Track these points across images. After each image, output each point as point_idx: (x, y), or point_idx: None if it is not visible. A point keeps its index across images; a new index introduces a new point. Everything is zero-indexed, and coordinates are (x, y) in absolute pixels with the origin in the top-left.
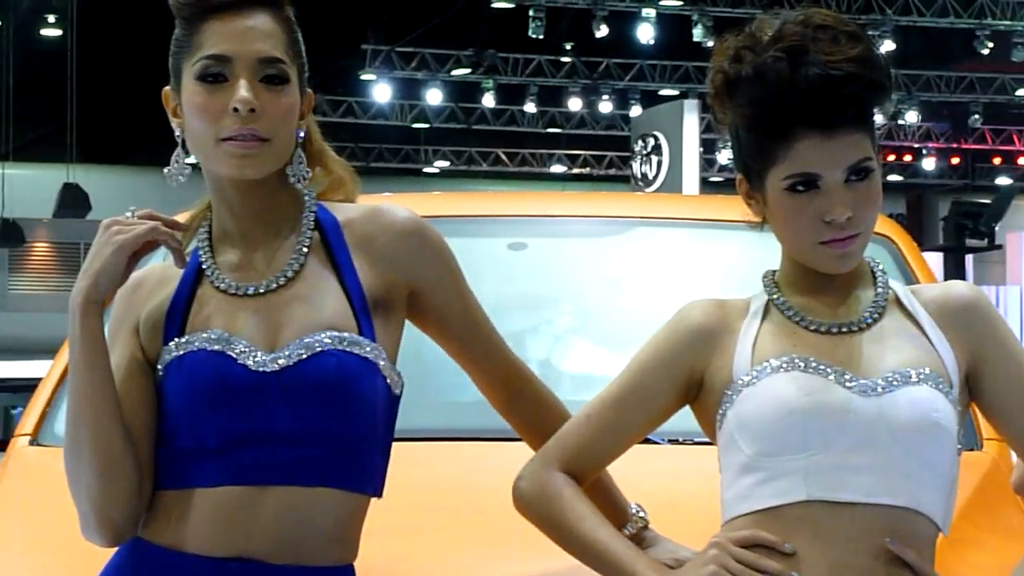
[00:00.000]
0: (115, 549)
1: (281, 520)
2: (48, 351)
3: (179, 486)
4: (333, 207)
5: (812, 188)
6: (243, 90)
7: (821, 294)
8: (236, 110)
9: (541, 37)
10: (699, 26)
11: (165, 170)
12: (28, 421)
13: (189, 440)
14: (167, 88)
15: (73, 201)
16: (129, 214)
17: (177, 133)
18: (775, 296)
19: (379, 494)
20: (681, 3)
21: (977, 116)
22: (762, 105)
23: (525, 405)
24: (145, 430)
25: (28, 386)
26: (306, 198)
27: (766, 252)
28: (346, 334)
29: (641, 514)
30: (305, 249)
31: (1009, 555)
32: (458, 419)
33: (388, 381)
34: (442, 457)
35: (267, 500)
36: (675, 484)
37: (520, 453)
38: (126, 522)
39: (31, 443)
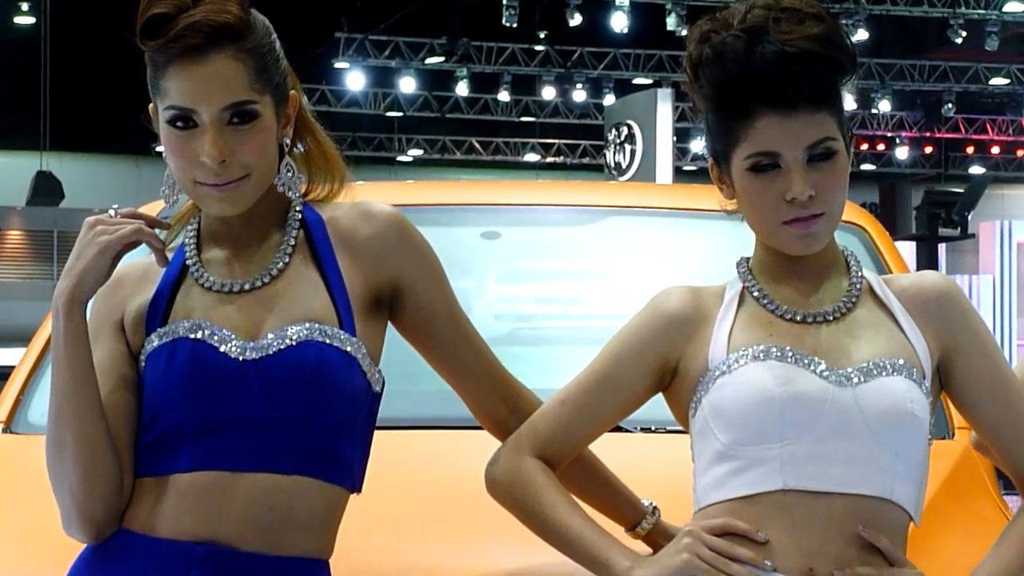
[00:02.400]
0: None
1: (254, 506)
2: (22, 339)
3: (156, 472)
4: (319, 205)
5: (774, 168)
6: (209, 145)
7: (795, 282)
8: (206, 164)
9: (515, 25)
10: (672, 15)
11: (162, 189)
12: (1, 409)
13: (168, 427)
14: (151, 105)
15: (47, 189)
16: (112, 212)
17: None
18: (750, 284)
19: (357, 489)
20: None
21: (950, 105)
22: (721, 84)
23: (520, 421)
24: (128, 428)
25: (1, 374)
26: (292, 198)
27: (739, 241)
28: (327, 327)
29: (654, 509)
30: (290, 248)
31: (979, 543)
32: (426, 408)
33: (368, 377)
34: (412, 446)
35: (241, 485)
36: (647, 472)
37: (490, 440)
38: (108, 518)
39: (4, 431)
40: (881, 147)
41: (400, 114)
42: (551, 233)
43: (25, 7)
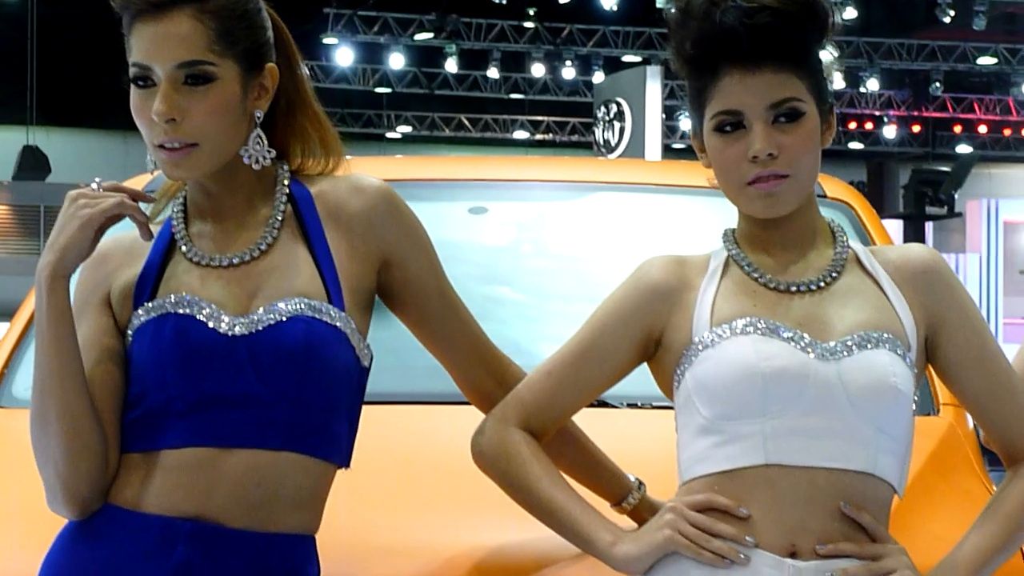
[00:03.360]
0: None
1: (242, 482)
2: (8, 314)
3: (145, 448)
4: (307, 179)
5: (739, 128)
6: (157, 101)
7: (779, 251)
8: (155, 120)
9: (504, 2)
10: None
11: (147, 158)
12: None
13: (156, 403)
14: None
15: (33, 163)
16: (95, 186)
17: None
18: (734, 251)
19: (345, 464)
20: None
21: (938, 84)
22: (689, 43)
23: (506, 394)
24: (113, 402)
25: None
26: (280, 173)
27: (724, 216)
28: (316, 302)
29: (640, 484)
30: (278, 223)
31: (963, 518)
32: (412, 383)
33: (356, 352)
34: (400, 421)
35: (230, 461)
36: (634, 448)
37: (477, 416)
38: (92, 495)
39: None
40: (869, 126)
41: (389, 90)
42: (537, 208)
43: None
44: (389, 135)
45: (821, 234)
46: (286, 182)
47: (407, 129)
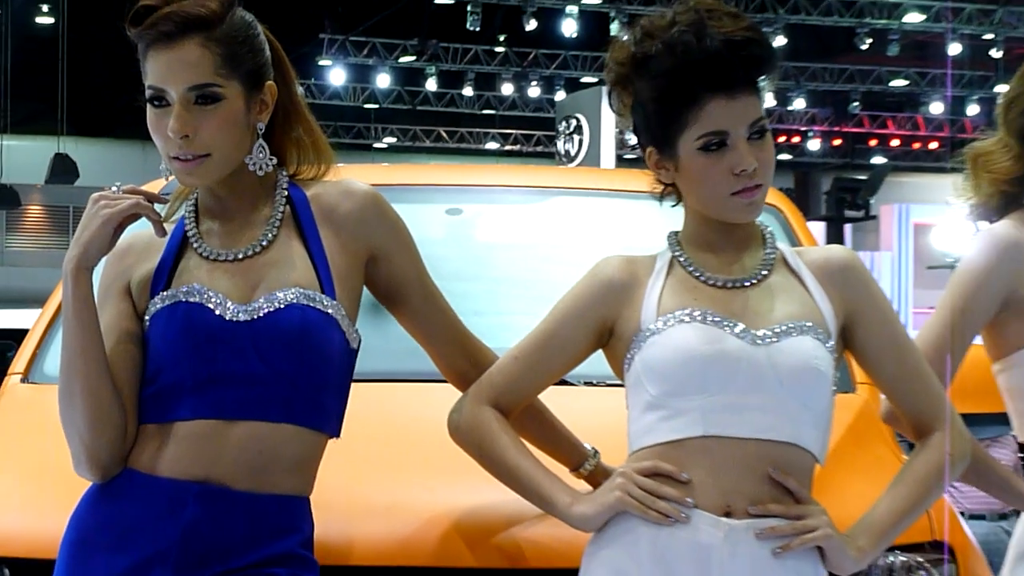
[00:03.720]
0: None
1: (245, 450)
2: (39, 301)
3: (160, 420)
4: (303, 184)
5: (722, 146)
6: (172, 120)
7: (719, 252)
8: (171, 137)
9: (478, 29)
10: (616, 21)
11: (161, 166)
12: (20, 362)
13: (170, 380)
14: None
15: (63, 169)
16: (115, 188)
17: None
18: (678, 253)
19: (336, 434)
20: (600, 1)
21: (856, 103)
22: (673, 74)
23: (479, 374)
24: (131, 378)
25: (22, 332)
26: (280, 177)
27: (668, 218)
28: (310, 291)
29: (595, 452)
30: (278, 222)
31: (877, 483)
32: (397, 363)
33: (346, 336)
34: (384, 397)
35: (235, 432)
36: (590, 421)
37: (452, 392)
38: (112, 461)
39: (22, 381)
40: (796, 139)
41: (376, 106)
42: (507, 210)
43: (45, 8)
44: (376, 145)
45: (755, 238)
46: (285, 186)
47: (392, 140)
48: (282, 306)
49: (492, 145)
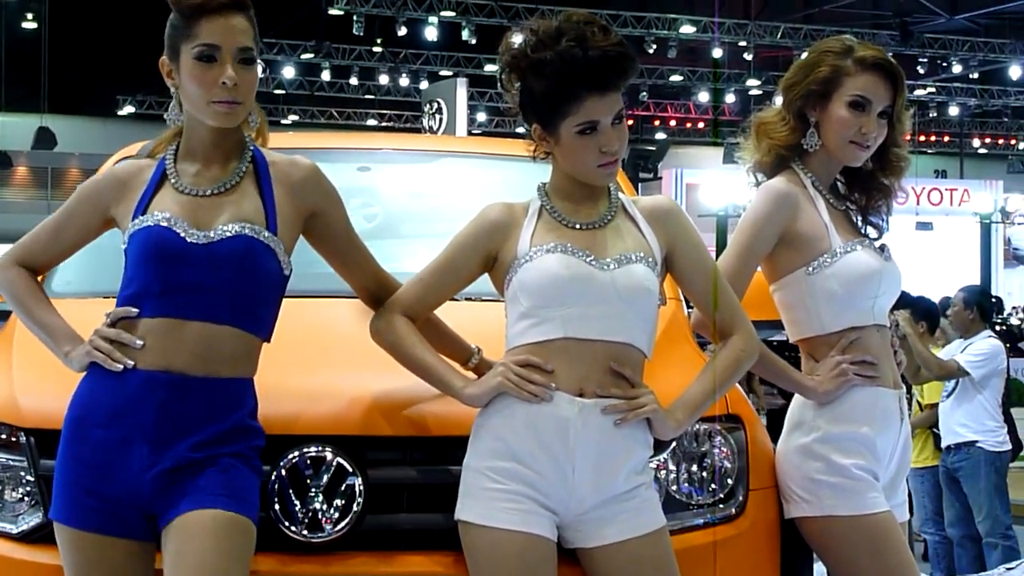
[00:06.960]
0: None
1: (198, 344)
2: None
3: (131, 318)
4: (264, 152)
5: (594, 131)
6: (230, 70)
7: (577, 202)
8: (225, 84)
9: (362, 34)
10: (466, 30)
11: (166, 116)
12: None
13: (141, 285)
14: (164, 58)
15: (45, 139)
16: (105, 319)
17: (172, 91)
18: (545, 202)
19: (268, 340)
20: (454, 14)
21: (644, 93)
22: (561, 77)
23: (387, 296)
24: (57, 255)
25: None
26: (247, 140)
27: (532, 174)
28: (257, 227)
29: (479, 350)
30: (242, 172)
31: (685, 372)
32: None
33: (281, 264)
34: (310, 309)
35: (190, 329)
36: (475, 326)
37: (360, 305)
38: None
39: None
40: None
41: (283, 92)
42: (406, 168)
43: (30, 16)
44: (283, 122)
45: (603, 191)
46: (251, 147)
47: (295, 118)
48: (233, 234)
49: (372, 122)
